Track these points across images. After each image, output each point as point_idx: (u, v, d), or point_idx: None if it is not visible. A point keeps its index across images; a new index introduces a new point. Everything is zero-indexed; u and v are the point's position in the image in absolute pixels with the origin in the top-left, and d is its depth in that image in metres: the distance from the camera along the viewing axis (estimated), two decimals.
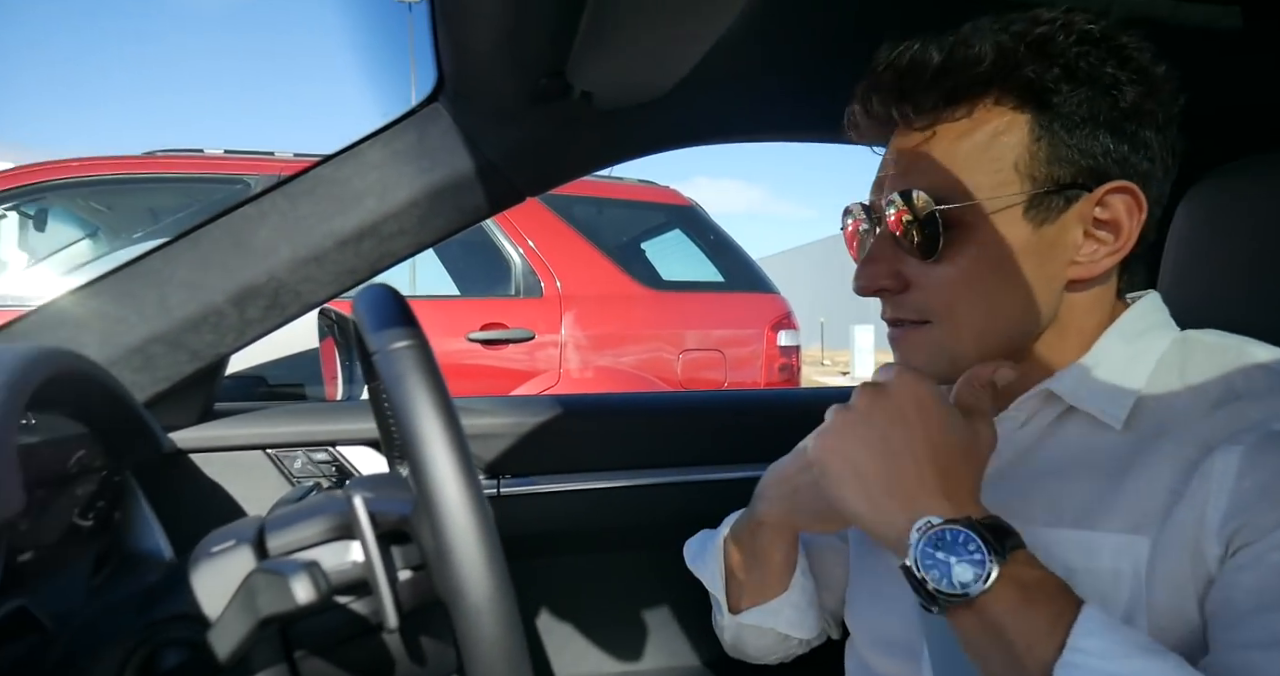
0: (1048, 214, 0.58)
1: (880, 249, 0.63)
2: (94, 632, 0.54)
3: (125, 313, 0.84)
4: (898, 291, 0.63)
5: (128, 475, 0.80)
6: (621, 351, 2.92)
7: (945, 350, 0.62)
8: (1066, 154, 0.58)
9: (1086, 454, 0.59)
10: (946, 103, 0.59)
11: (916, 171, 0.60)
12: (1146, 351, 0.60)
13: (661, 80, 0.82)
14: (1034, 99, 0.58)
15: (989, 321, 0.61)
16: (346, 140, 0.90)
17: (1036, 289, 0.60)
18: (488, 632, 0.43)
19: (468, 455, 0.45)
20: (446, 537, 0.43)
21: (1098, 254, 0.60)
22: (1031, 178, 0.58)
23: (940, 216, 0.58)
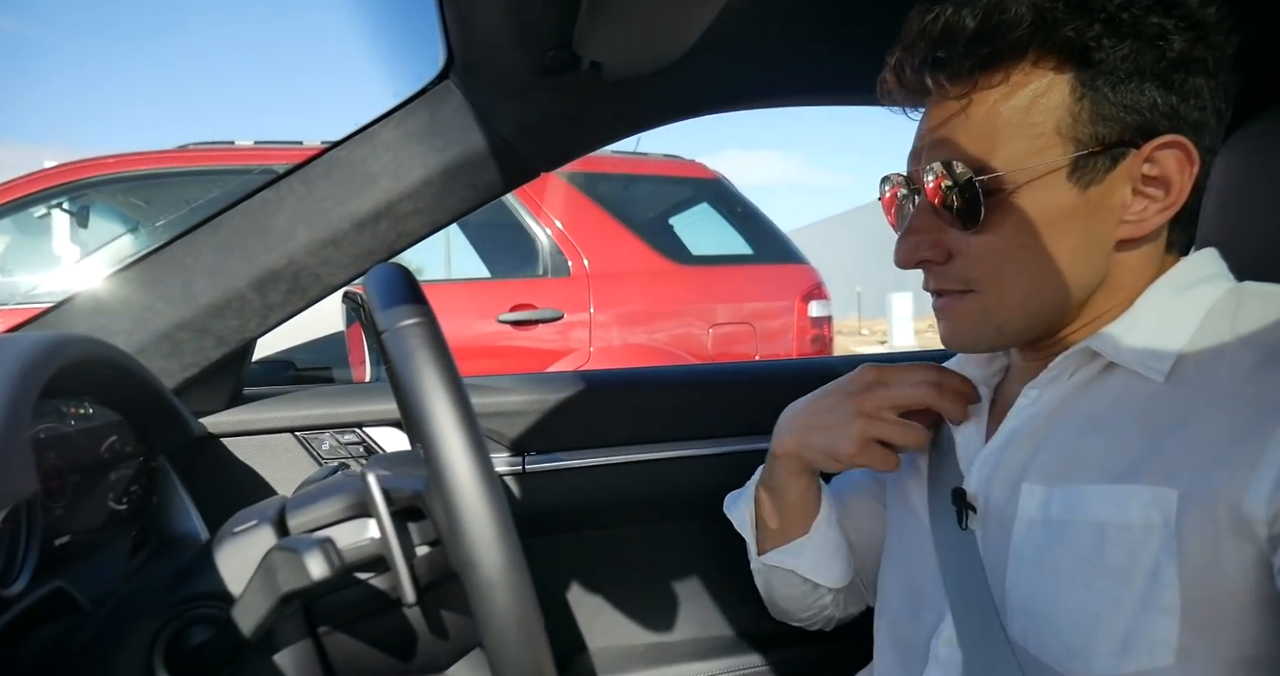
0: (1094, 175, 0.56)
1: (921, 220, 0.62)
2: (125, 611, 0.55)
3: (151, 300, 0.86)
4: (941, 262, 0.62)
5: (162, 460, 0.82)
6: (651, 328, 2.91)
7: (990, 318, 0.61)
8: (1111, 111, 0.55)
9: (1128, 407, 0.57)
10: (983, 69, 0.57)
11: (954, 140, 0.59)
12: (1195, 302, 0.58)
13: (670, 48, 0.80)
14: (1075, 57, 0.55)
15: (1035, 288, 0.59)
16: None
17: (1084, 253, 0.58)
18: (501, 603, 0.43)
19: (476, 429, 0.45)
20: (458, 511, 0.44)
21: (1148, 211, 0.57)
22: (1075, 139, 0.56)
23: (980, 186, 0.57)
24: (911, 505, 0.73)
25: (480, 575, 0.43)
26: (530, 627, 0.44)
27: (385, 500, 0.50)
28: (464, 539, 0.44)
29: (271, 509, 0.58)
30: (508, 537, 0.44)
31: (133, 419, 0.75)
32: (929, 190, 0.60)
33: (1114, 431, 0.57)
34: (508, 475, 1.02)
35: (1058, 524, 0.57)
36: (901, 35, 0.61)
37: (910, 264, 0.63)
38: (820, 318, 3.10)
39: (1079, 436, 0.59)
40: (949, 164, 0.58)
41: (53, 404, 0.65)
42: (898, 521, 0.76)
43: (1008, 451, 0.63)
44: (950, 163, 0.58)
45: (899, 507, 0.76)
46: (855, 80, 1.03)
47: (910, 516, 0.73)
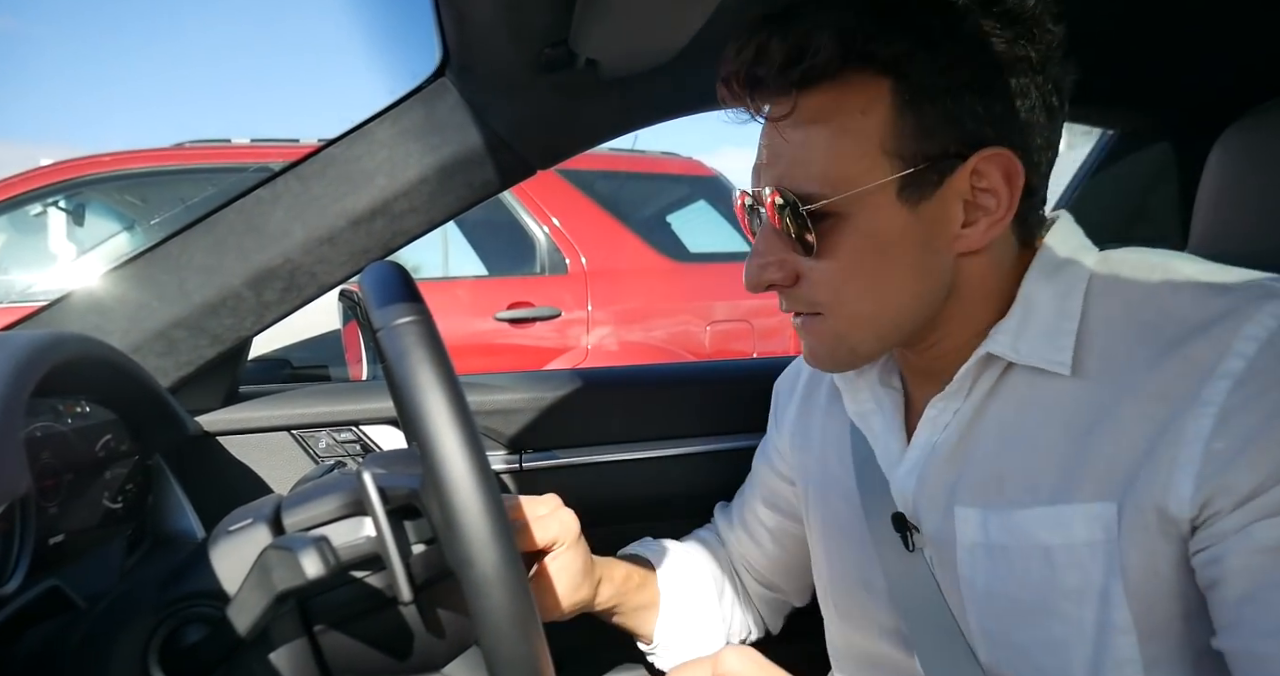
0: (922, 192, 0.55)
1: (765, 243, 0.60)
2: (119, 610, 0.55)
3: (147, 298, 0.86)
4: (789, 285, 0.60)
5: (158, 459, 0.82)
6: (648, 325, 2.91)
7: (843, 340, 0.60)
8: (933, 125, 0.54)
9: (1040, 409, 0.56)
10: (800, 89, 0.55)
11: (782, 163, 0.57)
12: (1072, 282, 0.57)
13: (666, 45, 0.80)
14: (890, 72, 0.54)
15: (878, 309, 0.58)
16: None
17: (923, 270, 0.57)
18: (498, 600, 0.43)
19: (472, 426, 0.45)
20: (453, 509, 0.44)
21: (981, 224, 0.56)
22: (900, 156, 0.54)
23: (808, 211, 0.55)
24: (845, 525, 0.71)
25: (476, 573, 0.43)
26: (527, 625, 0.44)
27: (381, 498, 0.50)
28: (460, 537, 0.43)
29: (267, 507, 0.57)
30: (504, 534, 0.44)
31: (128, 417, 0.75)
32: (766, 211, 0.58)
33: (1034, 439, 0.56)
34: (504, 473, 1.02)
35: (1001, 549, 0.57)
36: (725, 49, 0.59)
37: (759, 287, 0.61)
38: None
39: (1001, 450, 0.58)
40: (780, 188, 0.56)
41: (48, 402, 0.65)
42: (833, 543, 0.74)
43: (930, 469, 0.62)
44: (781, 187, 0.56)
45: (831, 528, 0.74)
46: None
47: (847, 538, 0.71)
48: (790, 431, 0.81)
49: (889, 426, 0.66)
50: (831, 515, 0.74)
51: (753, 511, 0.87)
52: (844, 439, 0.72)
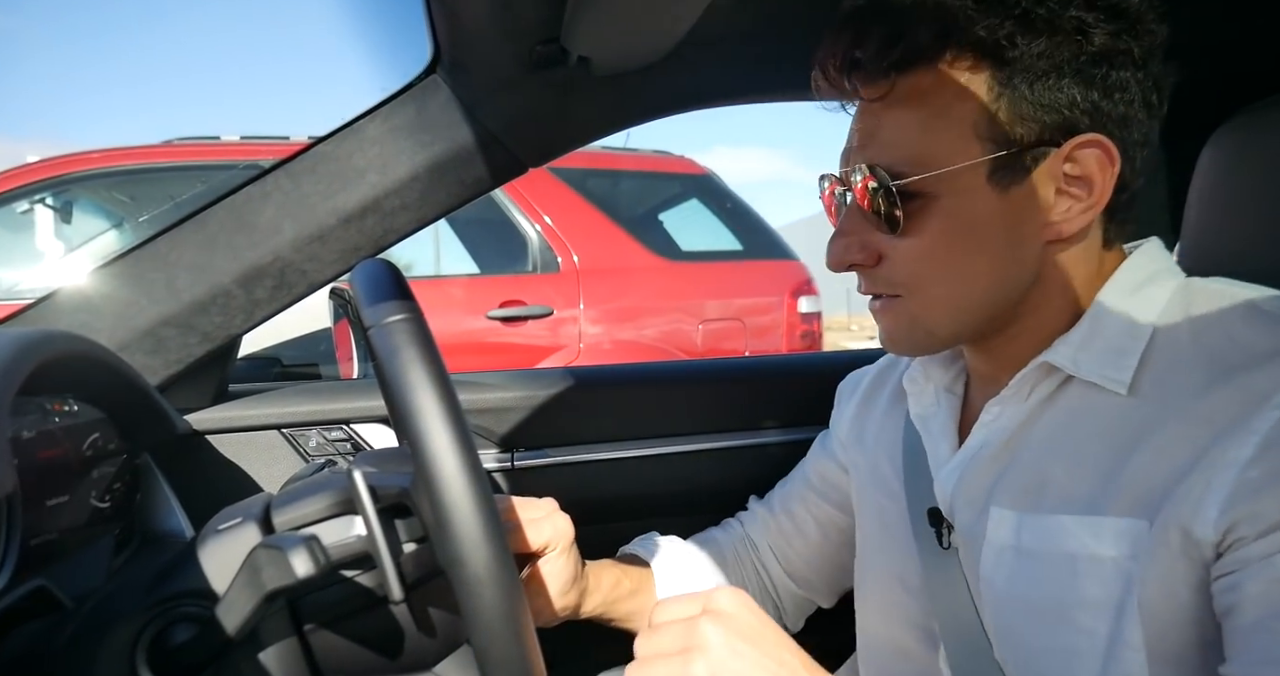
0: (1014, 176, 0.55)
1: (850, 222, 0.61)
2: (107, 610, 0.55)
3: (135, 296, 0.85)
4: (870, 265, 0.61)
5: (146, 458, 0.81)
6: (640, 324, 2.91)
7: (920, 322, 0.61)
8: (1029, 110, 0.54)
9: (1090, 421, 0.56)
10: (899, 71, 0.56)
11: (875, 144, 0.58)
12: (1147, 304, 0.57)
13: (658, 42, 0.80)
14: (990, 56, 0.54)
15: (961, 292, 0.59)
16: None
17: (1009, 255, 0.57)
18: (490, 599, 0.43)
19: (463, 425, 0.45)
20: (445, 508, 0.43)
21: (1072, 212, 0.56)
22: (993, 140, 0.55)
23: (899, 190, 0.56)
24: (888, 522, 0.72)
25: (468, 571, 0.43)
26: (519, 624, 0.44)
27: (371, 497, 0.50)
28: (451, 534, 0.43)
29: (256, 506, 0.57)
30: (495, 534, 0.44)
31: (116, 416, 0.74)
32: (856, 192, 0.59)
33: (1078, 450, 0.56)
34: (496, 472, 1.02)
35: (1029, 554, 0.57)
36: (825, 35, 0.60)
37: (840, 267, 0.62)
38: (810, 313, 3.11)
39: (1045, 457, 0.58)
40: (872, 167, 0.57)
41: (35, 401, 0.64)
42: (875, 529, 0.75)
43: (972, 468, 0.62)
44: (873, 166, 0.57)
45: (874, 525, 0.75)
46: None
47: (888, 535, 0.71)
48: (847, 427, 0.82)
49: (944, 429, 0.67)
50: (875, 511, 0.75)
51: (802, 500, 0.87)
52: (896, 440, 0.73)
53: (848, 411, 0.84)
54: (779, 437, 1.10)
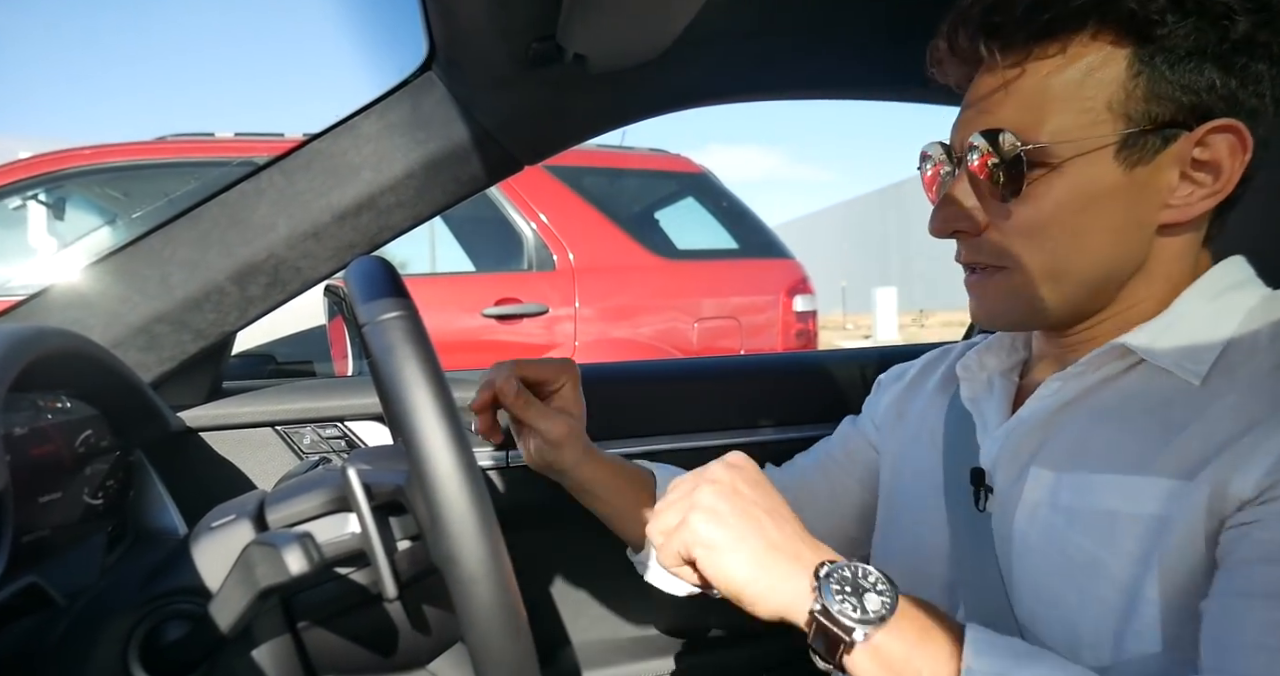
0: (1142, 154, 0.55)
1: (959, 189, 0.61)
2: (99, 607, 0.55)
3: (128, 293, 0.85)
4: (975, 233, 0.61)
5: (139, 455, 0.81)
6: (636, 322, 2.91)
7: (1022, 296, 0.60)
8: (1167, 90, 0.54)
9: (1147, 401, 0.57)
10: (1039, 38, 0.55)
11: (1002, 109, 0.57)
12: (1230, 309, 0.58)
13: (655, 40, 0.80)
14: (1135, 31, 0.54)
15: (1069, 266, 0.58)
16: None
17: (1123, 234, 0.57)
18: (484, 597, 0.43)
19: (458, 422, 0.45)
20: (439, 505, 0.43)
21: (1194, 197, 0.56)
22: (1126, 116, 0.55)
23: (1025, 157, 0.56)
24: (922, 490, 0.72)
25: (462, 569, 0.43)
26: (513, 622, 0.44)
27: (366, 494, 0.50)
28: (446, 532, 0.43)
29: (250, 503, 0.57)
30: (490, 531, 0.44)
31: (109, 413, 0.74)
32: (973, 161, 0.59)
33: (1128, 420, 0.57)
34: (491, 469, 1.02)
35: (1066, 510, 0.57)
36: (958, 1, 0.59)
37: (945, 233, 0.62)
38: (805, 312, 3.11)
39: (1092, 426, 0.59)
40: (994, 133, 0.57)
41: (27, 397, 0.64)
42: (905, 499, 0.76)
43: (1018, 432, 0.63)
44: (995, 132, 0.57)
45: (905, 494, 0.75)
46: (839, 74, 1.03)
47: (920, 502, 0.72)
48: (884, 411, 0.84)
49: (997, 406, 0.68)
50: (909, 479, 0.76)
51: (821, 469, 0.88)
52: (940, 416, 0.74)
53: (886, 397, 0.84)
54: (774, 436, 1.10)
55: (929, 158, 0.65)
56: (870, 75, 1.03)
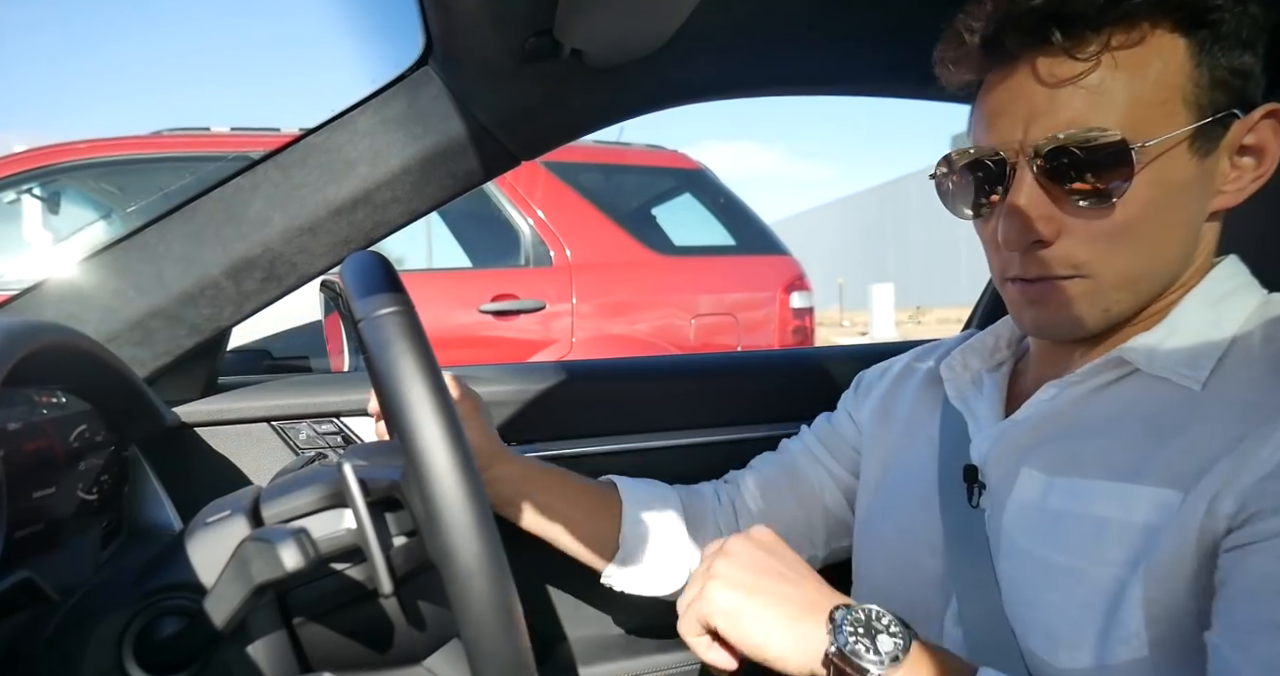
0: (1210, 145, 0.55)
1: (1026, 196, 0.56)
2: (94, 602, 0.54)
3: (123, 287, 0.85)
4: (1051, 242, 0.57)
5: (134, 450, 0.81)
6: (633, 318, 2.91)
7: (1099, 301, 0.58)
8: (1224, 77, 0.54)
9: (1146, 407, 0.57)
10: (1116, 27, 0.53)
11: (1071, 109, 0.54)
12: (1229, 315, 0.57)
13: (652, 36, 0.80)
14: (1193, 18, 0.53)
15: (1149, 266, 0.57)
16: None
17: (1193, 225, 0.57)
18: (479, 593, 0.43)
19: (454, 418, 0.45)
20: (435, 501, 0.43)
21: (1243, 181, 0.57)
22: (1198, 106, 0.54)
23: (1107, 157, 0.53)
24: (918, 479, 0.72)
25: (458, 565, 0.43)
26: (509, 618, 0.44)
27: (362, 490, 0.50)
28: (442, 528, 0.43)
29: (245, 499, 0.57)
30: (486, 527, 0.44)
31: (103, 408, 0.74)
32: (1042, 162, 0.55)
33: (1123, 428, 0.57)
34: None
35: (1055, 513, 0.57)
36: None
37: (1024, 244, 0.57)
38: (802, 309, 3.12)
39: (1089, 435, 0.59)
40: (1079, 128, 0.54)
41: (22, 392, 0.63)
42: (896, 494, 0.75)
43: (1011, 432, 0.63)
44: (1080, 127, 0.54)
45: (900, 481, 0.75)
46: (837, 70, 1.03)
47: (915, 490, 0.72)
48: (871, 407, 0.83)
49: (988, 404, 0.68)
50: (900, 477, 0.75)
51: (788, 468, 0.88)
52: (934, 412, 0.74)
53: (874, 393, 0.84)
54: (771, 432, 1.10)
55: (953, 161, 0.61)
56: (869, 71, 1.03)
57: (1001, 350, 0.72)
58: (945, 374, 0.73)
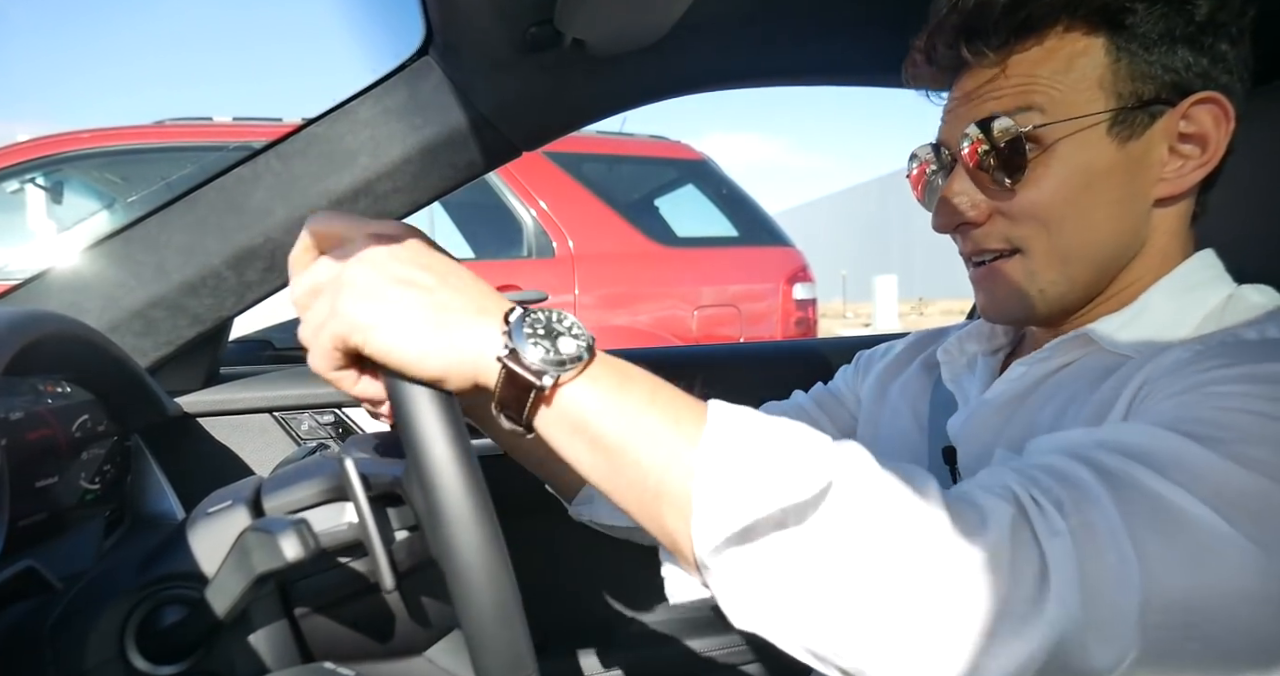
0: (1133, 130, 0.58)
1: (959, 183, 0.62)
2: (96, 591, 0.55)
3: (125, 277, 0.85)
4: (980, 222, 0.62)
5: (136, 439, 0.81)
6: (635, 309, 2.91)
7: (1035, 279, 0.61)
8: (1147, 70, 0.57)
9: (1095, 373, 0.59)
10: (1018, 35, 0.58)
11: (993, 99, 0.59)
12: (1194, 305, 0.59)
13: (653, 26, 0.79)
14: (1107, 22, 0.57)
15: (1079, 244, 0.60)
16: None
17: (1124, 209, 0.59)
18: (481, 589, 0.43)
19: (456, 413, 0.45)
20: (437, 497, 0.43)
21: (1185, 169, 0.59)
22: (1116, 94, 0.57)
23: (1023, 138, 0.58)
24: (906, 459, 0.72)
25: (460, 562, 0.43)
26: (510, 614, 0.44)
27: (364, 485, 0.50)
28: (443, 524, 0.43)
29: (246, 489, 0.57)
30: (487, 522, 0.44)
31: (105, 397, 0.74)
32: (967, 151, 0.60)
33: (1076, 397, 0.59)
34: (489, 457, 1.02)
35: None
36: (931, 13, 0.61)
37: (950, 226, 0.63)
38: (805, 300, 3.11)
39: (1044, 403, 0.61)
40: (988, 121, 0.59)
41: (25, 382, 0.64)
42: (875, 432, 0.77)
43: (980, 412, 0.65)
44: (989, 119, 0.59)
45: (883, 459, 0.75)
46: (840, 60, 1.02)
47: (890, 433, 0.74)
48: (870, 385, 0.84)
49: (979, 387, 0.70)
50: (883, 454, 0.75)
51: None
52: (924, 394, 0.76)
53: (873, 372, 0.85)
54: None
55: (916, 157, 0.67)
56: (871, 61, 1.02)
57: (999, 337, 0.73)
58: (942, 357, 0.74)
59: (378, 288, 0.45)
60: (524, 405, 0.44)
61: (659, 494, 0.43)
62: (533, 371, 0.43)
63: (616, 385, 0.45)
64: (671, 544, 0.44)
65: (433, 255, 0.48)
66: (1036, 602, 0.40)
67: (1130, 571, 0.40)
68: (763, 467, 0.41)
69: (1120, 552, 0.40)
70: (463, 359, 0.44)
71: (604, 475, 0.44)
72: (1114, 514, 0.41)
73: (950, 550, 0.40)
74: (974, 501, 0.43)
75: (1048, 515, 0.42)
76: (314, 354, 0.47)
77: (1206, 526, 0.41)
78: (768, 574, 0.41)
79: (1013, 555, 0.40)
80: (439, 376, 0.44)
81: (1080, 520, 0.41)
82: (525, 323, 0.45)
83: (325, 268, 0.47)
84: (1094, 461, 0.45)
